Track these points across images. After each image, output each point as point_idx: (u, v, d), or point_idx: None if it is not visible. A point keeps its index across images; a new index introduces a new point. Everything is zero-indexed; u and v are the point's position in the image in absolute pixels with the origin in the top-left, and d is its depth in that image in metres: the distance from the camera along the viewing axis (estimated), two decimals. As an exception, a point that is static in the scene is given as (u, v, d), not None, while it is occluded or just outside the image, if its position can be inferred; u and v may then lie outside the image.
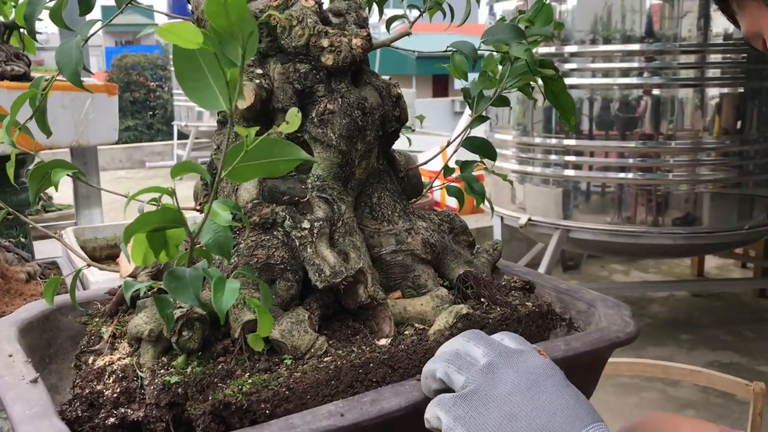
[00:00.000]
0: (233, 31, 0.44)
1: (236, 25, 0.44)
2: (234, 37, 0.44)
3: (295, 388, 0.57)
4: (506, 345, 0.56)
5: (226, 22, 0.43)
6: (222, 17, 0.43)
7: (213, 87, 0.46)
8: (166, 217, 0.49)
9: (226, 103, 0.46)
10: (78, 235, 1.94)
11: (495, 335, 0.58)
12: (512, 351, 0.55)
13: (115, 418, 0.57)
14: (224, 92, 0.45)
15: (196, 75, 0.45)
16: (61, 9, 0.71)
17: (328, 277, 0.64)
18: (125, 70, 11.08)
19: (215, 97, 0.46)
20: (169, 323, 0.55)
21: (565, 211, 3.08)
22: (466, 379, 0.53)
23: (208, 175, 0.50)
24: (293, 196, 0.69)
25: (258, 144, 0.46)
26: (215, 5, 0.43)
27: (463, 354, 0.55)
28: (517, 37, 0.77)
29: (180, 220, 0.49)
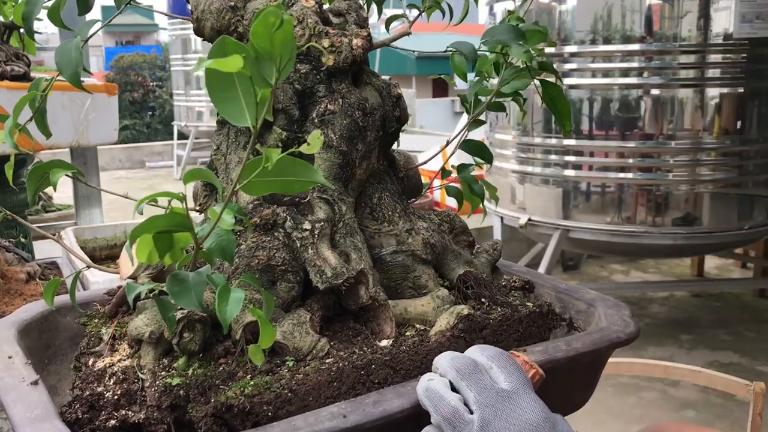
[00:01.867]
0: (273, 54, 0.44)
1: (278, 48, 0.44)
2: (272, 59, 0.44)
3: (298, 389, 0.57)
4: (499, 388, 0.54)
5: (269, 46, 0.44)
6: (266, 41, 0.44)
7: (242, 101, 0.46)
8: (174, 220, 0.49)
9: (252, 120, 0.46)
10: (78, 236, 1.94)
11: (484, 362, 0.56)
12: (505, 395, 0.53)
13: (115, 420, 0.57)
14: (252, 109, 0.46)
15: (227, 87, 0.45)
16: (60, 9, 0.71)
17: (329, 279, 0.64)
18: (123, 71, 11.07)
19: (242, 112, 0.46)
20: (170, 326, 0.55)
21: (565, 211, 3.08)
22: None
23: (217, 181, 0.50)
24: (294, 197, 0.69)
25: (277, 162, 0.46)
26: (262, 28, 0.43)
27: (455, 408, 0.53)
28: (517, 38, 0.76)
29: (187, 225, 0.49)
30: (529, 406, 0.52)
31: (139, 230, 0.49)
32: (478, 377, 0.54)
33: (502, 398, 0.53)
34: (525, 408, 0.52)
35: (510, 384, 0.54)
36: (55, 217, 3.40)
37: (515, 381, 0.54)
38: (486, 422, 0.51)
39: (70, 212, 3.20)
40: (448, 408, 0.53)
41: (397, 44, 0.86)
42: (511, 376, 0.54)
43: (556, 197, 3.10)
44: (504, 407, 0.52)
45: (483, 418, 0.52)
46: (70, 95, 1.86)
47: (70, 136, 1.91)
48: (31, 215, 3.26)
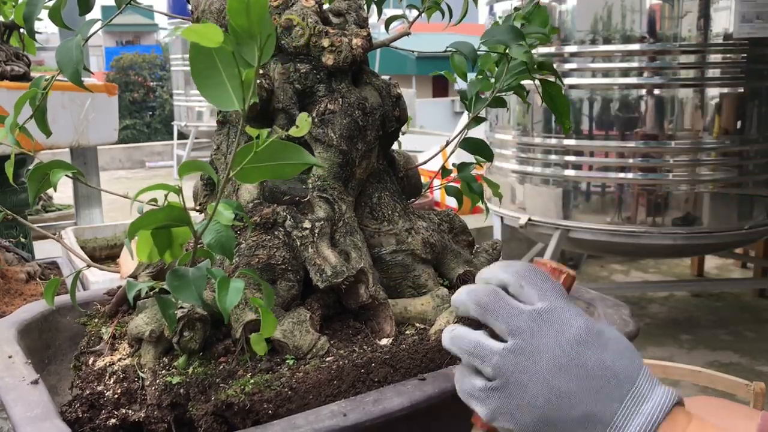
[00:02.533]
0: (252, 32, 0.44)
1: (256, 26, 0.44)
2: (252, 37, 0.44)
3: (298, 388, 0.57)
4: (531, 309, 0.50)
5: (247, 22, 0.43)
6: (243, 17, 0.43)
7: (227, 85, 0.45)
8: (171, 215, 0.49)
9: (239, 102, 0.46)
10: (78, 235, 1.94)
11: (512, 282, 0.52)
12: (539, 315, 0.50)
13: (116, 419, 0.57)
14: (238, 92, 0.45)
15: (211, 72, 0.45)
16: (60, 8, 0.71)
17: (329, 277, 0.64)
18: (123, 71, 11.07)
19: (228, 96, 0.46)
20: (171, 324, 0.55)
21: (565, 211, 3.08)
22: (493, 372, 0.50)
23: (214, 173, 0.50)
24: (294, 196, 0.69)
25: (267, 146, 0.46)
26: (237, 3, 0.43)
27: (476, 341, 0.51)
28: (517, 38, 0.76)
29: (185, 219, 0.49)
30: (568, 320, 0.50)
31: (137, 225, 0.49)
32: (503, 305, 0.51)
33: (537, 319, 0.50)
34: (564, 324, 0.50)
35: (544, 302, 0.51)
36: (55, 217, 3.40)
37: (550, 296, 0.51)
38: (520, 349, 0.49)
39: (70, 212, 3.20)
40: (469, 343, 0.51)
41: (397, 44, 0.86)
42: (545, 293, 0.51)
43: (556, 197, 3.10)
44: (540, 328, 0.50)
45: (516, 346, 0.50)
46: (71, 95, 1.86)
47: (70, 135, 1.91)
48: (31, 215, 3.26)
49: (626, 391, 0.49)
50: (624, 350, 0.50)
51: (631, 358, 0.50)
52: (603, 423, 0.48)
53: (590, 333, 0.50)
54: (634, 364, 0.50)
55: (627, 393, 0.48)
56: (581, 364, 0.49)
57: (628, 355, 0.50)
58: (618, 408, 0.48)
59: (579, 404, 0.48)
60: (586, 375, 0.49)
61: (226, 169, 0.74)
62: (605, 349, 0.50)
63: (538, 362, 0.49)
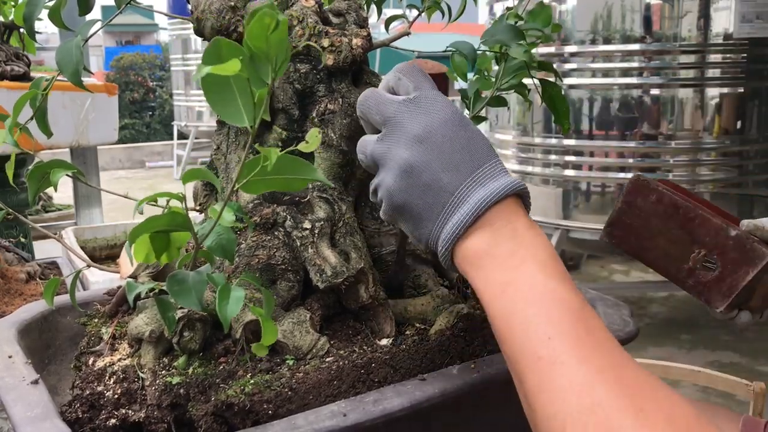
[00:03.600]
0: (269, 54, 0.44)
1: (273, 49, 0.44)
2: (268, 59, 0.45)
3: (298, 388, 0.57)
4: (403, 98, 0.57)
5: (265, 46, 0.44)
6: (262, 41, 0.44)
7: (239, 102, 0.46)
8: (174, 221, 0.49)
9: (249, 120, 0.46)
10: (78, 235, 1.94)
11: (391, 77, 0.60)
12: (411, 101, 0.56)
13: (116, 419, 0.57)
14: (249, 110, 0.46)
15: (223, 89, 0.46)
16: (60, 9, 0.71)
17: (329, 278, 0.64)
18: (123, 71, 11.07)
19: (239, 112, 0.46)
20: (170, 326, 0.55)
21: (565, 211, 3.08)
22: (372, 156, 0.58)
23: (218, 182, 0.51)
24: (294, 196, 0.69)
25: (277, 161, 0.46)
26: (258, 28, 0.43)
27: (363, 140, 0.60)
28: (516, 37, 0.76)
29: (187, 226, 0.49)
30: (438, 105, 0.56)
31: (138, 230, 0.49)
32: (376, 98, 0.58)
33: (408, 104, 0.56)
34: (433, 107, 0.56)
35: (418, 90, 0.57)
36: (55, 217, 3.39)
37: (423, 86, 0.58)
38: (390, 133, 0.56)
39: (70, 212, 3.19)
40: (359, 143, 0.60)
41: (397, 44, 0.86)
42: (419, 84, 0.58)
43: (556, 197, 3.10)
44: (410, 112, 0.56)
45: (386, 132, 0.57)
46: (71, 95, 1.86)
47: (70, 135, 1.91)
48: (31, 215, 3.26)
49: (477, 167, 0.54)
50: (480, 138, 0.56)
51: (486, 146, 0.56)
52: (448, 191, 0.53)
53: (454, 115, 0.56)
54: (487, 151, 0.55)
55: (477, 168, 0.54)
56: (439, 137, 0.54)
57: (483, 143, 0.56)
58: (464, 180, 0.53)
59: (430, 170, 0.54)
60: (441, 147, 0.54)
61: (226, 170, 0.75)
62: (464, 131, 0.55)
63: (404, 138, 0.55)
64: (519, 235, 0.53)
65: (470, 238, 0.53)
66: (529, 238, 0.53)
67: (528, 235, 0.53)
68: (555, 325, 0.48)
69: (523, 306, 0.50)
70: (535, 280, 0.50)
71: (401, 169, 0.55)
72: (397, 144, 0.55)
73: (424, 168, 0.54)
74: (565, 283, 0.51)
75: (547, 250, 0.53)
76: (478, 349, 0.67)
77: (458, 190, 0.53)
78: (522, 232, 0.53)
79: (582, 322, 0.48)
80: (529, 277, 0.51)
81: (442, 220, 0.54)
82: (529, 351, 0.48)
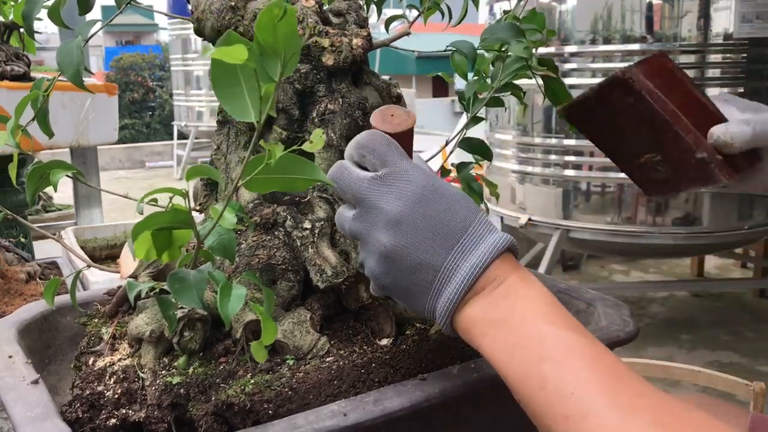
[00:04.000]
0: (277, 48, 0.44)
1: (282, 43, 0.44)
2: (276, 54, 0.45)
3: (298, 388, 0.57)
4: (371, 176, 0.55)
5: (273, 39, 0.44)
6: (270, 33, 0.44)
7: (246, 97, 0.46)
8: (176, 218, 0.49)
9: (256, 115, 0.47)
10: (78, 235, 1.94)
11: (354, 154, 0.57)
12: (380, 180, 0.54)
13: (116, 419, 0.57)
14: (256, 104, 0.46)
15: (232, 83, 0.46)
16: (60, 8, 0.71)
17: (329, 278, 0.64)
18: (123, 71, 11.07)
19: (246, 107, 0.47)
20: (171, 324, 0.55)
21: (565, 211, 3.08)
22: (350, 235, 0.57)
23: (221, 178, 0.51)
24: (294, 196, 0.69)
25: (279, 160, 0.46)
26: (267, 19, 0.44)
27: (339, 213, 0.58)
28: (517, 35, 0.77)
29: (190, 223, 0.49)
30: (408, 180, 0.54)
31: (141, 226, 0.49)
32: (346, 176, 0.56)
33: (378, 184, 0.54)
34: (403, 184, 0.54)
35: (385, 167, 0.55)
36: (55, 217, 3.39)
37: (390, 160, 0.55)
38: (365, 212, 0.55)
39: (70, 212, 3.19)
40: (337, 215, 0.59)
41: (397, 44, 0.86)
42: (385, 158, 0.55)
43: (556, 197, 3.10)
44: (381, 192, 0.54)
45: (360, 212, 0.55)
46: (70, 95, 1.86)
47: (70, 136, 1.91)
48: (31, 215, 3.26)
49: (459, 237, 0.52)
50: (458, 202, 0.54)
51: (466, 209, 0.54)
52: (434, 268, 0.52)
53: (426, 189, 0.54)
54: (467, 215, 0.53)
55: (458, 241, 0.52)
56: (415, 217, 0.53)
57: (462, 206, 0.54)
58: (447, 255, 0.52)
59: (411, 254, 0.53)
60: (419, 227, 0.53)
61: (226, 170, 0.75)
62: (439, 202, 0.53)
63: (379, 221, 0.54)
64: (513, 293, 0.52)
65: (466, 309, 0.52)
66: (523, 292, 0.52)
67: (522, 289, 0.52)
68: (574, 377, 0.46)
69: (536, 364, 0.48)
70: (541, 334, 0.49)
71: (382, 255, 0.54)
72: (373, 227, 0.54)
73: (405, 252, 0.53)
74: (570, 327, 0.50)
75: (544, 298, 0.52)
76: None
77: (444, 266, 0.52)
78: (515, 289, 0.52)
79: (599, 364, 0.47)
80: (535, 332, 0.50)
81: (433, 296, 0.53)
82: (555, 412, 0.46)
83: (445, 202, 0.53)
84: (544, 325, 0.50)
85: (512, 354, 0.50)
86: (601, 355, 0.48)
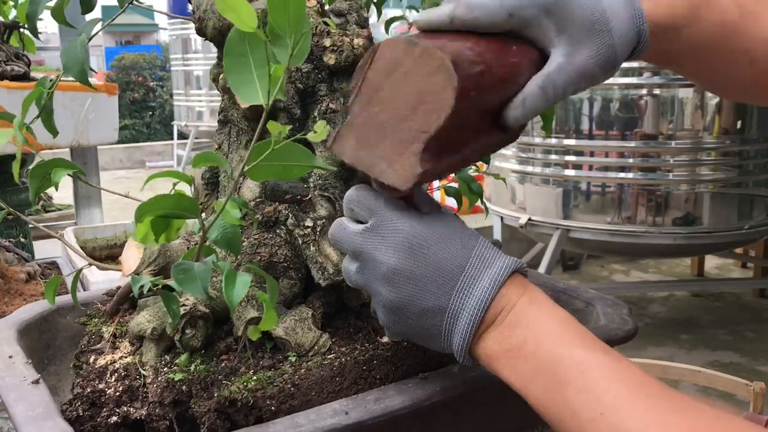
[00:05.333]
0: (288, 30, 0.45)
1: (293, 25, 0.45)
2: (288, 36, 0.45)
3: (300, 384, 0.58)
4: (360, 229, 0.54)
5: (285, 20, 0.45)
6: (282, 14, 0.45)
7: (255, 81, 0.48)
8: (181, 204, 0.49)
9: (264, 97, 0.48)
10: (78, 235, 1.94)
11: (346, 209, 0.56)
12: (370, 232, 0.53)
13: (117, 417, 0.57)
14: (264, 86, 0.47)
15: (243, 68, 0.48)
16: (63, 7, 0.71)
17: (331, 275, 0.64)
18: (124, 71, 11.08)
19: (255, 90, 0.48)
20: (174, 319, 0.55)
21: (565, 211, 3.08)
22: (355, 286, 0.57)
23: (227, 165, 0.51)
24: (296, 194, 0.69)
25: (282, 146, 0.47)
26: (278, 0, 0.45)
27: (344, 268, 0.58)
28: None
29: (194, 209, 0.50)
30: (394, 230, 0.53)
31: (145, 208, 0.49)
32: (342, 233, 0.56)
33: (368, 236, 0.54)
34: (390, 234, 0.53)
35: (373, 218, 0.54)
36: (56, 217, 3.39)
37: (376, 211, 0.54)
38: (364, 266, 0.54)
39: (70, 212, 3.19)
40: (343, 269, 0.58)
41: (397, 44, 0.86)
42: (372, 210, 0.54)
43: (556, 197, 3.10)
44: (372, 244, 0.53)
45: (360, 266, 0.54)
46: (71, 95, 1.86)
47: (71, 135, 1.91)
48: (31, 215, 3.26)
49: (455, 281, 0.51)
50: (450, 242, 0.53)
51: (458, 247, 0.52)
52: (440, 312, 0.52)
53: (415, 237, 0.52)
54: (460, 253, 0.52)
55: (456, 282, 0.51)
56: (410, 267, 0.52)
57: (454, 245, 0.52)
58: (449, 298, 0.51)
59: (414, 303, 0.52)
60: (415, 276, 0.52)
61: (229, 169, 0.75)
62: (431, 247, 0.52)
63: (377, 275, 0.53)
64: (523, 319, 0.51)
65: (481, 343, 0.52)
66: (532, 316, 0.51)
67: (530, 313, 0.51)
68: (600, 396, 0.46)
69: (560, 388, 0.48)
70: (559, 358, 0.48)
71: (387, 308, 0.54)
72: (373, 280, 0.54)
73: (408, 302, 0.52)
74: (587, 345, 0.49)
75: (555, 317, 0.51)
76: (479, 348, 0.67)
77: (448, 309, 0.52)
78: (524, 315, 0.51)
79: (624, 381, 0.46)
80: (552, 356, 0.49)
81: (446, 338, 0.53)
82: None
83: (436, 245, 0.52)
84: (559, 348, 0.49)
85: (533, 381, 0.49)
86: (623, 367, 0.47)
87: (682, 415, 0.44)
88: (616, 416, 0.45)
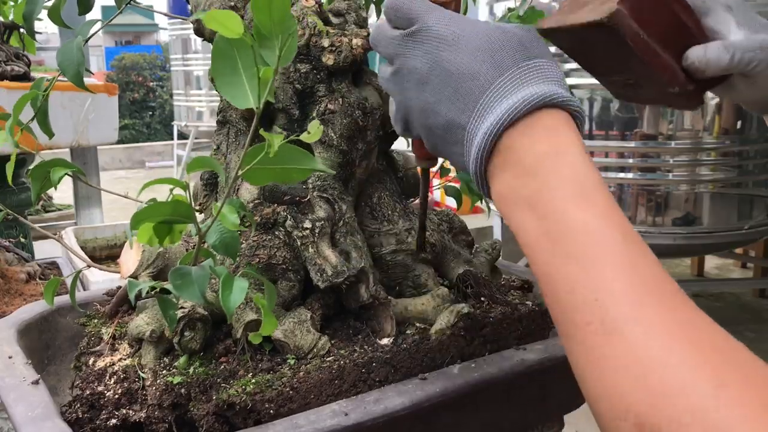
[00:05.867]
0: (274, 30, 0.45)
1: (278, 25, 0.45)
2: (274, 36, 0.45)
3: (299, 387, 0.57)
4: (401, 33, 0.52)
5: (269, 20, 0.45)
6: (266, 13, 0.44)
7: (245, 85, 0.47)
8: (177, 210, 0.49)
9: (255, 100, 0.47)
10: (78, 235, 1.94)
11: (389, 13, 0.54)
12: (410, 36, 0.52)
13: (116, 419, 0.57)
14: (254, 90, 0.46)
15: (232, 71, 0.47)
16: (60, 8, 0.71)
17: (330, 277, 0.64)
18: (124, 71, 11.08)
19: (245, 94, 0.47)
20: (171, 324, 0.55)
21: (565, 210, 3.08)
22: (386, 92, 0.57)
23: (222, 171, 0.51)
24: (294, 196, 0.69)
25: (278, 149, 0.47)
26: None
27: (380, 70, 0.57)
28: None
29: (190, 215, 0.50)
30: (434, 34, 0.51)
31: (140, 216, 0.49)
32: (381, 35, 0.55)
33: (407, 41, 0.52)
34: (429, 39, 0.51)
35: (414, 23, 0.52)
36: (55, 217, 3.39)
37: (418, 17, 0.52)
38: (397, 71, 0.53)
39: (70, 212, 3.20)
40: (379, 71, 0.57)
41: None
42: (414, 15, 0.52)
43: (556, 197, 3.10)
44: (410, 49, 0.52)
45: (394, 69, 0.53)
46: (70, 95, 1.86)
47: (70, 136, 1.91)
48: (31, 215, 3.26)
49: (476, 101, 0.47)
50: (482, 54, 0.48)
51: (488, 63, 0.48)
52: (461, 126, 0.49)
53: (448, 45, 0.50)
54: (490, 70, 0.48)
55: (477, 102, 0.47)
56: (440, 71, 0.49)
57: (484, 60, 0.48)
58: (470, 117, 0.48)
59: (440, 112, 0.50)
60: (444, 81, 0.49)
61: (226, 170, 0.75)
62: (464, 52, 0.49)
63: (411, 80, 0.52)
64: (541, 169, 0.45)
65: (495, 179, 0.47)
66: (553, 169, 0.44)
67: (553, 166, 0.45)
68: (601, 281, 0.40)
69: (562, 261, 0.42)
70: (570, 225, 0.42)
71: (420, 113, 0.52)
72: (406, 88, 0.52)
73: (437, 108, 0.50)
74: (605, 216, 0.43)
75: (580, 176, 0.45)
76: (479, 349, 0.67)
77: (467, 128, 0.48)
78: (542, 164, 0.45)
79: (630, 269, 0.41)
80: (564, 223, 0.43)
81: (466, 161, 0.49)
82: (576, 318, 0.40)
83: (466, 57, 0.48)
84: (576, 213, 0.43)
85: (539, 243, 0.44)
86: (634, 253, 0.43)
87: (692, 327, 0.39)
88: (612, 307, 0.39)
